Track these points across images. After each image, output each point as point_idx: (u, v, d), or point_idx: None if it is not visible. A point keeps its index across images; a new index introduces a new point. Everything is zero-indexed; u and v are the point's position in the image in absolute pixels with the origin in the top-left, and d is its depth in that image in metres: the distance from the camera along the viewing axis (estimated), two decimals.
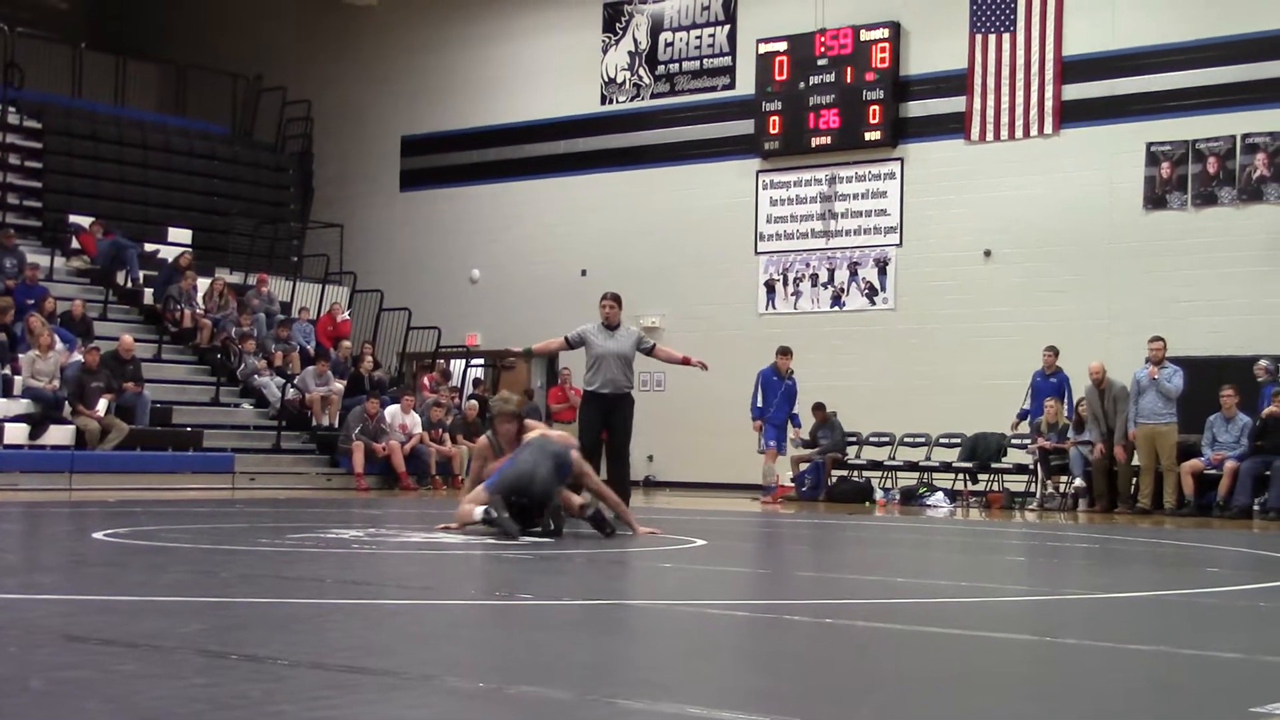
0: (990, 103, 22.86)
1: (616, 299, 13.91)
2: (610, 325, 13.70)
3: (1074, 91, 22.31)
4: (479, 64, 28.18)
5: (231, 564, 8.53)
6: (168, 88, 29.96)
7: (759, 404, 20.77)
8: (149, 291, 24.20)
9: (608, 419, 13.68)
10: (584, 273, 26.31)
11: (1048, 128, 22.46)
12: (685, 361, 13.98)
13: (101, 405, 19.91)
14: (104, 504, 15.31)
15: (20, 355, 20.10)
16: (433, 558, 9.17)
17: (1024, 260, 22.49)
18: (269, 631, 5.47)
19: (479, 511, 10.38)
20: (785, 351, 20.88)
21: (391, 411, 21.93)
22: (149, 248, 25.20)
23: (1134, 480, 18.76)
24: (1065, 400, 19.72)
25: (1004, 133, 22.78)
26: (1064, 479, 19.53)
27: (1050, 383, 20.02)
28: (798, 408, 21.14)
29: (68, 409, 19.76)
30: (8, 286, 21.75)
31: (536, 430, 11.24)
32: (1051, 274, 22.21)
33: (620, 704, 4.01)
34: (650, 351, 13.83)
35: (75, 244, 24.80)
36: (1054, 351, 20.13)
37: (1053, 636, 5.86)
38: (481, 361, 27.59)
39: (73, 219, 25.03)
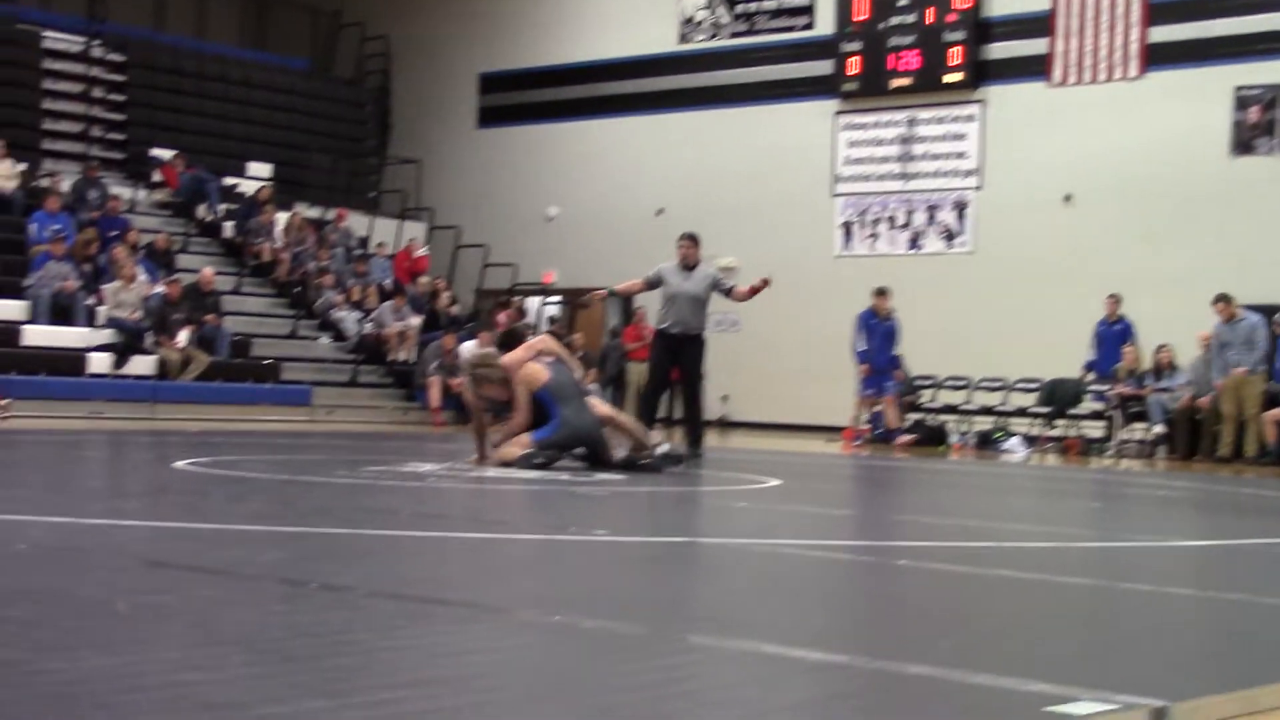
0: (1074, 45, 22.54)
1: (694, 239, 13.86)
2: (688, 265, 13.62)
3: (1160, 34, 21.95)
4: (558, 1, 28.10)
5: (309, 495, 8.64)
6: (248, 22, 30.10)
7: (861, 347, 19.91)
8: (229, 225, 24.42)
9: (677, 359, 13.65)
10: (660, 212, 26.27)
11: (1132, 71, 22.13)
12: (755, 291, 13.59)
13: (183, 336, 20.17)
14: (185, 434, 15.52)
15: (104, 286, 20.37)
16: (507, 493, 9.23)
17: (1105, 205, 22.22)
18: (346, 562, 5.55)
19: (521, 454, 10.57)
20: (882, 292, 19.95)
21: (468, 347, 22.03)
22: (229, 181, 25.42)
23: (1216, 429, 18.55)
24: (1133, 346, 19.50)
25: (1087, 75, 22.47)
26: (1142, 425, 19.35)
27: (1114, 330, 19.81)
28: (901, 347, 20.48)
29: (150, 339, 20.02)
30: (92, 218, 22.01)
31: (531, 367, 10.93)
32: (1133, 220, 21.94)
33: (692, 640, 4.04)
34: (729, 293, 13.73)
35: (157, 177, 25.05)
36: (1116, 299, 19.90)
37: (1126, 582, 5.83)
38: (558, 298, 27.65)
39: (154, 152, 25.26)
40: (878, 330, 19.79)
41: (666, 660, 3.78)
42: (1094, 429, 20.27)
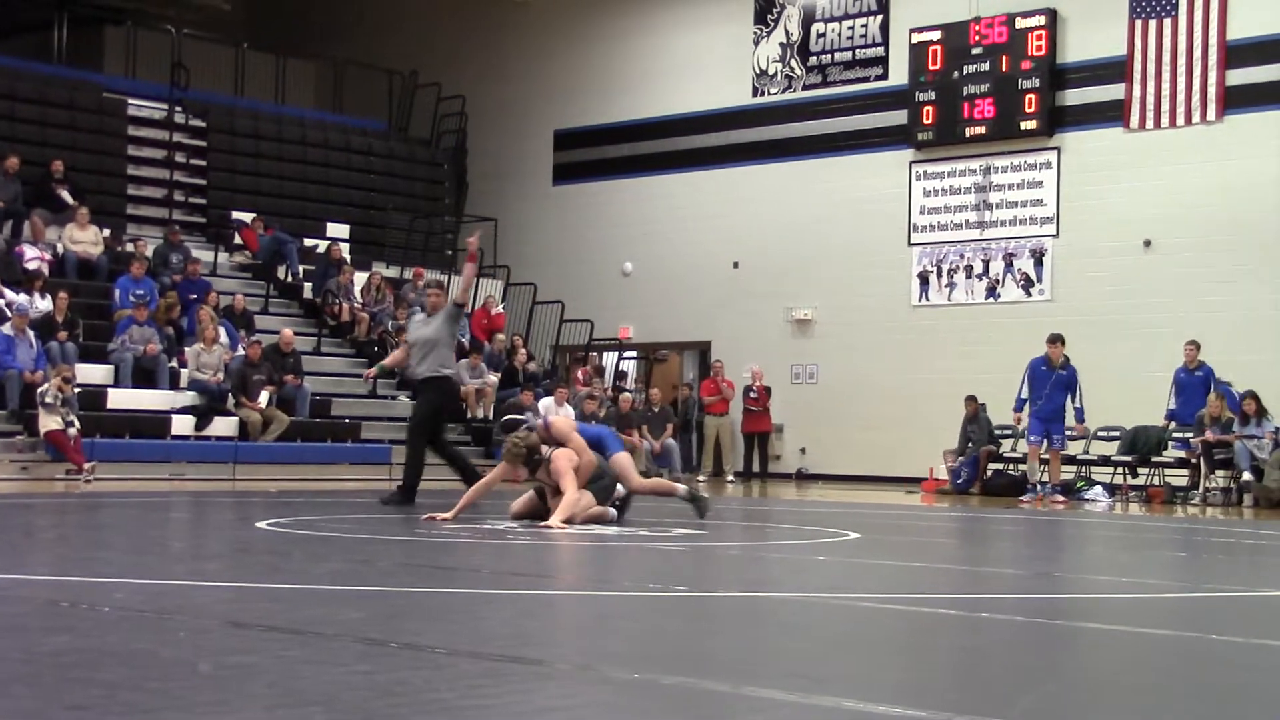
0: (1150, 89, 22.40)
1: (441, 285, 14.21)
2: (431, 312, 13.65)
3: (1239, 76, 21.76)
4: (630, 58, 28.29)
5: (389, 553, 8.68)
6: (325, 86, 30.52)
7: (1022, 395, 19.40)
8: (308, 285, 24.69)
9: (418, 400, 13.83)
10: (736, 265, 26.30)
11: (1211, 114, 21.94)
12: (472, 259, 13.65)
13: (263, 397, 20.38)
14: (266, 494, 15.65)
15: (186, 349, 20.64)
16: (587, 549, 9.23)
17: (1185, 251, 21.99)
18: (427, 620, 5.56)
19: (611, 512, 11.07)
20: (1056, 339, 19.31)
21: (545, 404, 22.09)
22: (308, 243, 25.71)
23: None
24: (1215, 393, 19.22)
25: (1165, 120, 22.30)
26: (1227, 473, 19.06)
27: (1196, 377, 19.52)
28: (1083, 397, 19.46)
29: (231, 401, 20.24)
30: (174, 281, 22.33)
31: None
32: (1214, 264, 21.70)
33: (773, 696, 4.01)
34: (460, 304, 13.65)
35: (238, 240, 25.38)
36: (1195, 346, 19.63)
37: (1218, 634, 5.73)
38: (634, 354, 27.71)
39: (235, 215, 25.62)
40: (1046, 379, 19.14)
41: (746, 717, 3.76)
42: (1177, 477, 20.00)
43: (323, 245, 25.61)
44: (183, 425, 19.82)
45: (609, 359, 27.18)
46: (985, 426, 21.11)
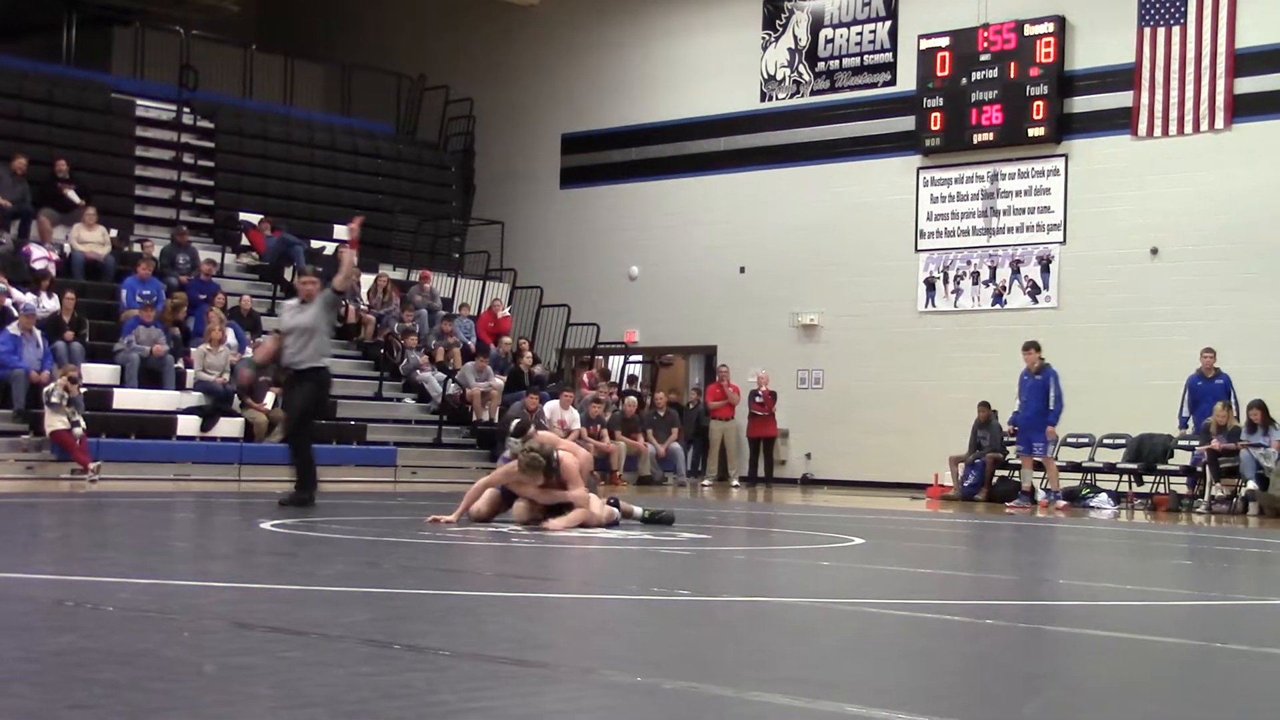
0: (1159, 97, 22.37)
1: (317, 273, 13.46)
2: (305, 300, 12.81)
3: (1247, 85, 21.72)
4: (639, 62, 28.28)
5: (394, 555, 8.68)
6: (333, 88, 30.52)
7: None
8: None
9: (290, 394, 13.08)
10: (743, 270, 26.29)
11: (1219, 122, 21.91)
12: (353, 234, 13.27)
13: (269, 399, 20.38)
14: (271, 495, 15.65)
15: (192, 349, 20.65)
16: (591, 553, 9.23)
17: (1192, 259, 21.96)
18: (430, 622, 5.56)
19: (638, 510, 10.90)
20: (1029, 346, 19.39)
21: (551, 407, 22.10)
22: (315, 244, 25.71)
23: None
24: (1231, 401, 19.21)
25: (1173, 128, 22.28)
26: (1234, 481, 19.03)
27: (1215, 385, 19.49)
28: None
29: (236, 402, 20.25)
30: (181, 282, 22.35)
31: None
32: (1221, 272, 21.66)
33: (777, 701, 4.01)
34: (339, 291, 12.97)
35: (245, 241, 25.39)
36: (1212, 353, 19.62)
37: (1222, 643, 5.72)
38: (640, 358, 27.73)
39: (242, 216, 25.63)
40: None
41: None
42: (1182, 485, 19.97)
43: (330, 247, 25.61)
44: (188, 426, 19.83)
45: (615, 363, 27.17)
46: (997, 433, 21.10)
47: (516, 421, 12.05)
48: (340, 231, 26.42)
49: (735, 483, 24.12)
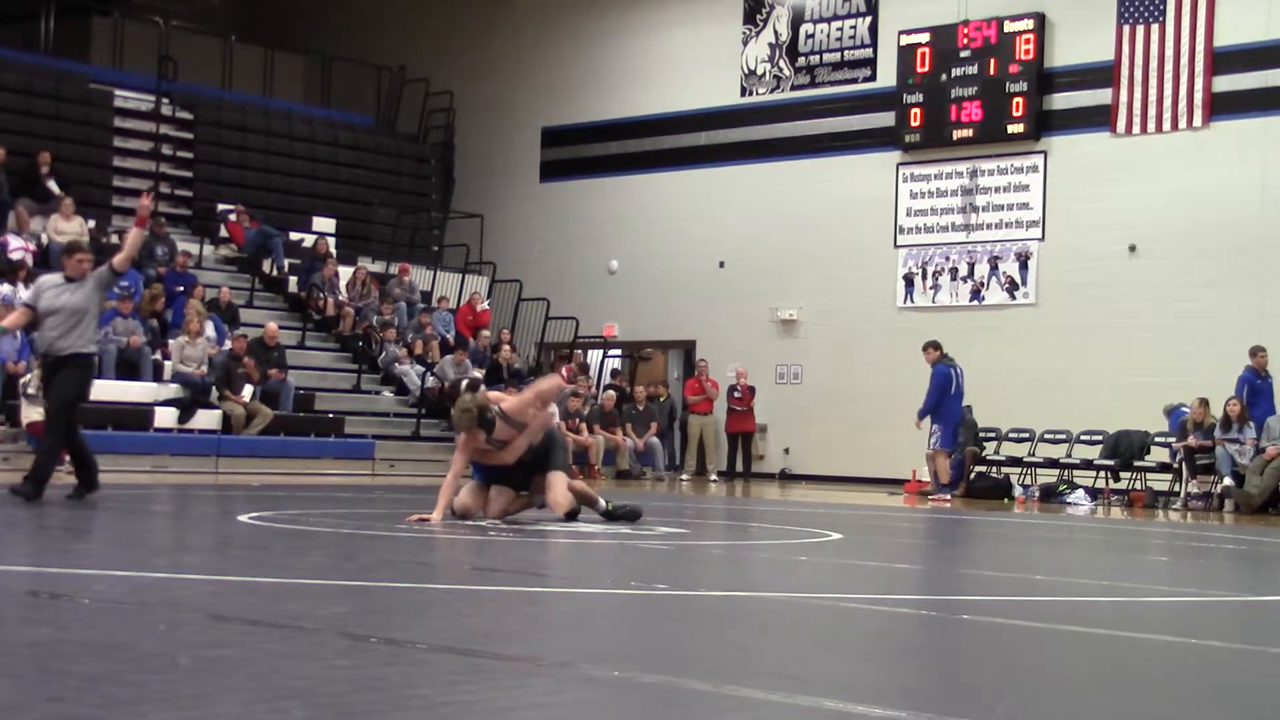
0: (1138, 95, 22.44)
1: (83, 249, 11.92)
2: (73, 278, 11.54)
3: (1225, 83, 21.80)
4: (619, 56, 28.27)
5: (372, 549, 8.67)
6: (313, 79, 30.45)
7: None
8: (293, 279, 24.64)
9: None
10: (722, 264, 26.30)
11: (1197, 120, 21.98)
12: (142, 221, 12.17)
13: (247, 391, 20.34)
14: (249, 488, 15.62)
15: (170, 341, 20.59)
16: (569, 546, 9.23)
17: (1170, 256, 22.04)
18: (408, 616, 5.56)
19: (602, 502, 10.69)
20: (1258, 350, 19.29)
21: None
22: (294, 236, 25.65)
23: None
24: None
25: (1151, 125, 22.35)
26: (1210, 478, 19.11)
27: (1268, 383, 19.36)
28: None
29: (215, 394, 20.20)
30: (159, 274, 22.27)
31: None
32: (1199, 270, 21.74)
33: (754, 695, 4.01)
34: (117, 271, 11.74)
35: (223, 232, 25.32)
36: (1265, 352, 19.35)
37: (1197, 639, 5.75)
38: (619, 352, 27.70)
39: (221, 208, 25.55)
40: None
41: (727, 716, 3.76)
42: (1160, 481, 20.05)
43: (309, 239, 25.56)
44: (166, 418, 19.76)
45: (594, 357, 27.15)
46: (972, 429, 21.15)
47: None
48: (320, 224, 26.44)
49: (713, 477, 24.14)
